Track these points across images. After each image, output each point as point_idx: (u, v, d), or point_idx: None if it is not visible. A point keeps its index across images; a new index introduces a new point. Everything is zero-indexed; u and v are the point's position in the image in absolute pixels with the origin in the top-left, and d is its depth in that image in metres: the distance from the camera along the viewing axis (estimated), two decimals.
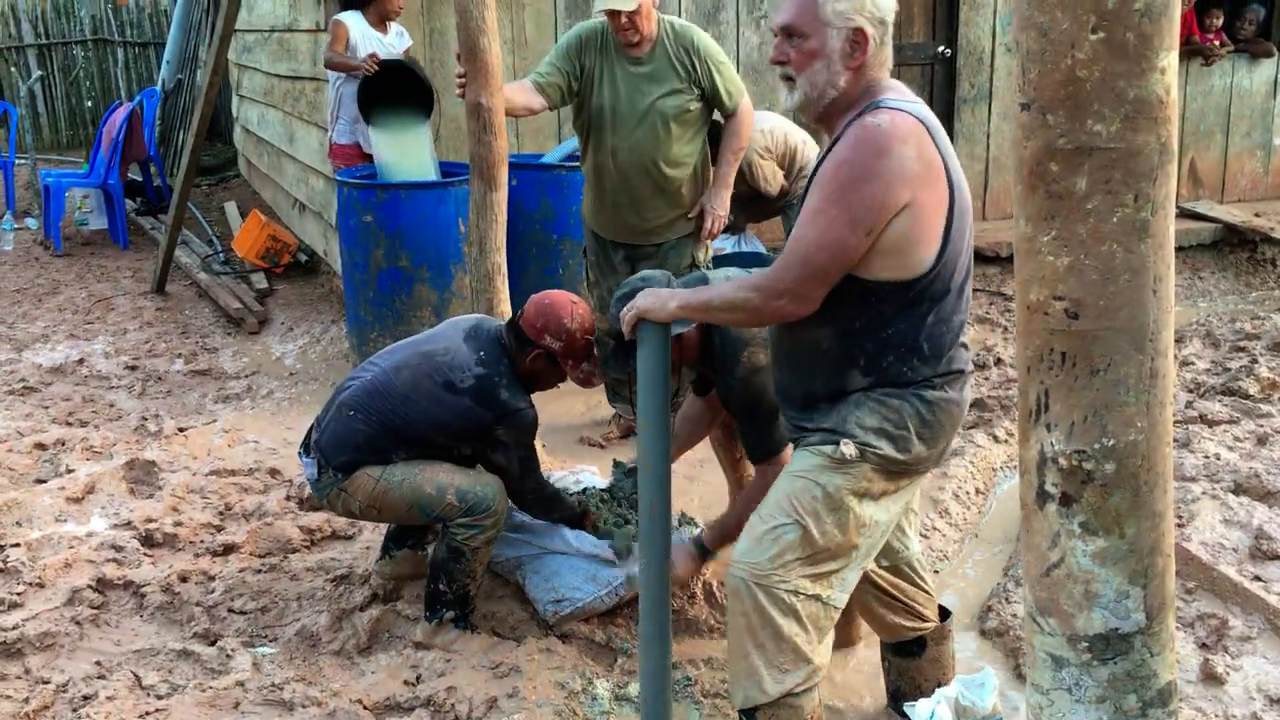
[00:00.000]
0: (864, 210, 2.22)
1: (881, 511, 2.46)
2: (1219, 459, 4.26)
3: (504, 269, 4.12)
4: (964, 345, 2.47)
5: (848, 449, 2.37)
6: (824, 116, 2.41)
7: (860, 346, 2.38)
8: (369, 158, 5.95)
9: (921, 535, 3.72)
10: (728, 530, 3.14)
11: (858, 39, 2.31)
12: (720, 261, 4.78)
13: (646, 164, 4.29)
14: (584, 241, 4.66)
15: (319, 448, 3.28)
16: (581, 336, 3.26)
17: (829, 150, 2.35)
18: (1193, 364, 5.55)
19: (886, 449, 2.38)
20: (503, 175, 4.05)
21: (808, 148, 5.69)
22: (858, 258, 2.27)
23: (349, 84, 5.93)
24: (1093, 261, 1.51)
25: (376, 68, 5.52)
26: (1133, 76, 1.46)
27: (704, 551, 3.21)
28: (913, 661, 2.93)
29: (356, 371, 3.43)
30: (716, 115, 4.44)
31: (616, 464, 3.78)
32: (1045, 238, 1.52)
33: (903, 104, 2.31)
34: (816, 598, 2.42)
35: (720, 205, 4.41)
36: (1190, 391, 5.17)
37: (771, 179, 5.59)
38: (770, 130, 5.54)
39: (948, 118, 7.11)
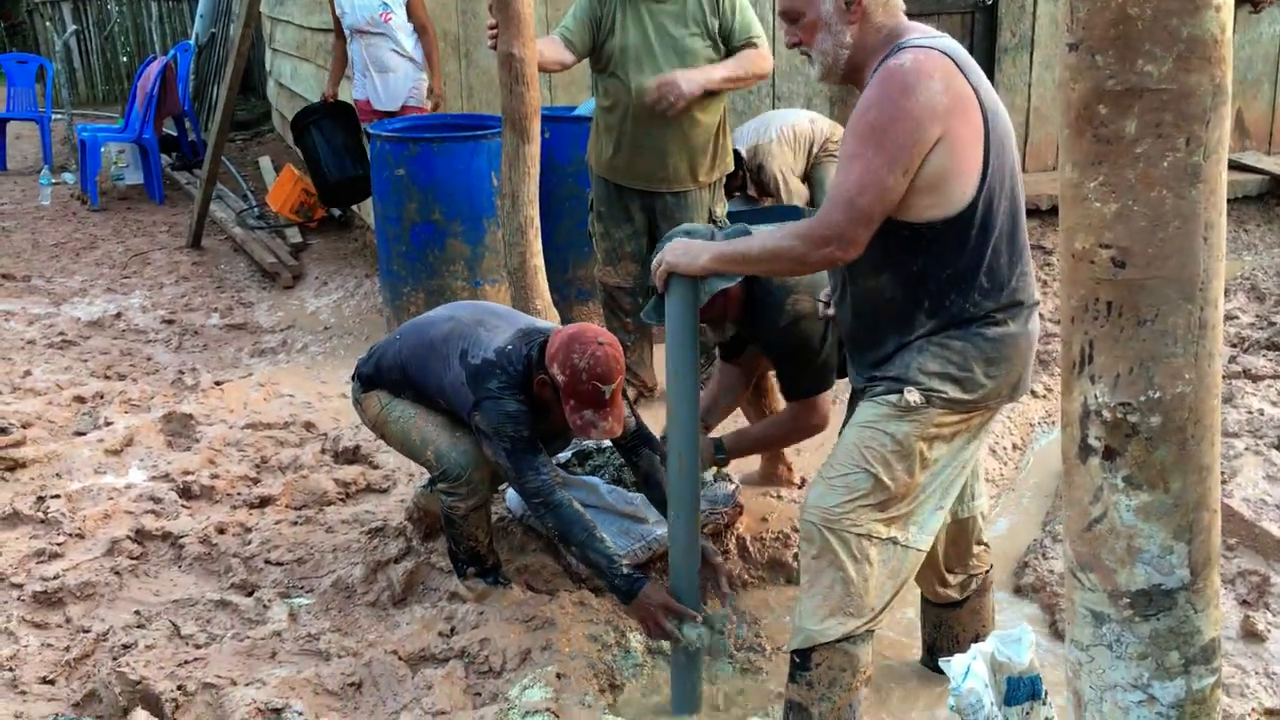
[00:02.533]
0: (897, 150, 2.22)
1: (954, 450, 2.45)
2: (1262, 414, 4.18)
3: (537, 222, 4.09)
4: (1026, 274, 2.45)
5: (912, 396, 2.38)
6: (848, 75, 2.43)
7: (924, 289, 2.38)
8: (379, 114, 6.02)
9: None
10: (748, 441, 3.42)
11: None
12: (736, 217, 4.72)
13: None
14: (590, 192, 4.54)
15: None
16: (588, 380, 2.90)
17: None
18: (1237, 318, 5.46)
19: (952, 391, 2.38)
20: (535, 128, 4.00)
21: (817, 124, 5.71)
22: (898, 198, 2.27)
23: (354, 41, 6.03)
24: (1141, 208, 1.46)
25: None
26: (1186, 14, 1.40)
27: (719, 449, 3.28)
28: (952, 612, 2.92)
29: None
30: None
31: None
32: (1092, 183, 1.48)
33: (926, 41, 2.31)
34: (893, 541, 2.43)
35: (686, 81, 4.06)
36: (1234, 346, 5.08)
37: (796, 195, 5.57)
38: (782, 136, 5.56)
39: (988, 67, 6.96)
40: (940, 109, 2.22)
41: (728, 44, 4.23)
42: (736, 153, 4.94)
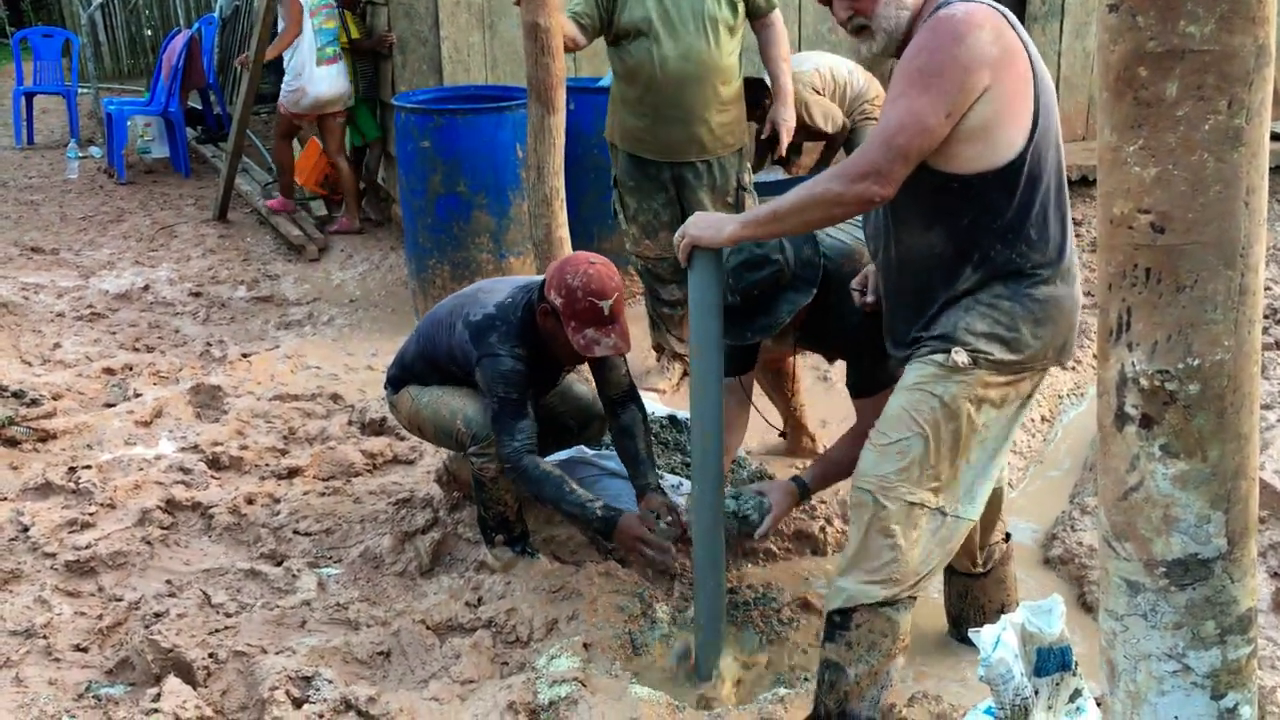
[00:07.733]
0: (943, 93, 2.20)
1: (1002, 416, 2.42)
2: None
3: (562, 194, 4.08)
4: (1069, 236, 2.41)
5: (959, 356, 2.35)
6: (903, 43, 2.38)
7: (973, 242, 2.35)
8: None
9: None
10: (834, 467, 3.10)
11: None
12: (762, 188, 4.69)
13: (701, 72, 4.16)
14: (614, 169, 4.49)
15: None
16: (584, 297, 2.99)
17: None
18: (1270, 289, 5.39)
19: (998, 353, 2.35)
20: (560, 98, 3.98)
21: (855, 75, 5.64)
22: (938, 141, 2.24)
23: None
24: (1182, 172, 1.43)
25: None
26: None
27: (803, 489, 3.12)
28: (977, 582, 2.92)
29: None
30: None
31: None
32: (1132, 147, 1.45)
33: None
34: (941, 511, 2.40)
35: (790, 116, 4.37)
36: (1266, 318, 5.02)
37: (829, 117, 5.54)
38: (817, 69, 5.51)
39: None
40: (989, 58, 2.20)
41: (747, 7, 4.26)
42: (761, 81, 4.87)
